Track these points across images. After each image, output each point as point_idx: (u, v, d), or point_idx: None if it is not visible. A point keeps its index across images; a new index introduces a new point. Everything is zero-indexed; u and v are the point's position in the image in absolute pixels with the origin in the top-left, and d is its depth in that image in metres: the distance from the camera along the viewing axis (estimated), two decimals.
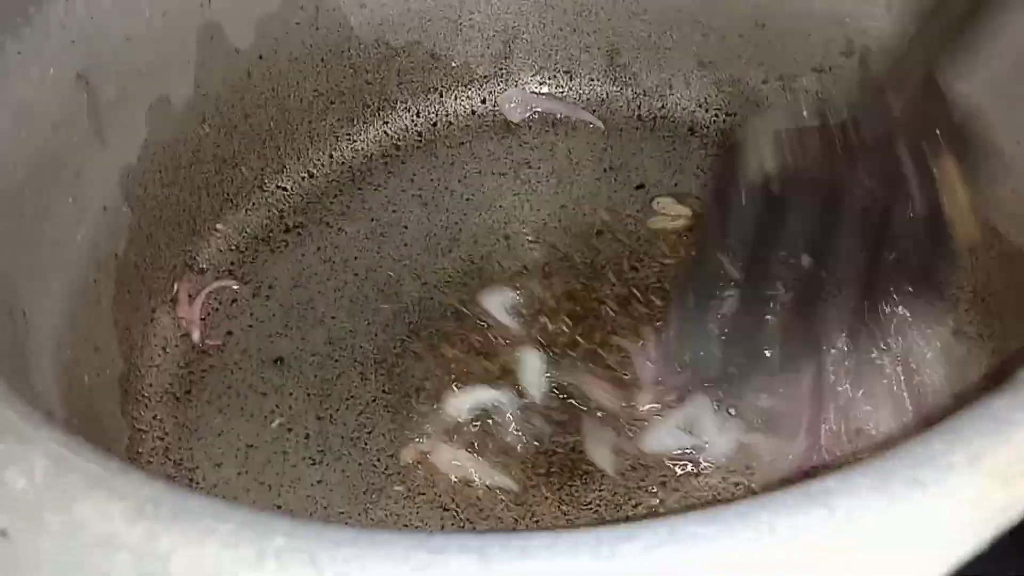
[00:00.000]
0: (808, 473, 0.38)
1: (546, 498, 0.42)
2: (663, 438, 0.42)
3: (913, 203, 0.35)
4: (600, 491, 0.42)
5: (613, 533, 0.20)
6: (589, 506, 0.41)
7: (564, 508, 0.41)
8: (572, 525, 0.41)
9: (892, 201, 0.36)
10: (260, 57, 0.52)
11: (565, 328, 0.48)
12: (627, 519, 0.40)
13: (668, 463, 0.42)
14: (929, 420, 0.21)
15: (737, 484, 0.41)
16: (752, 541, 0.19)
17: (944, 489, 0.20)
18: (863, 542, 0.19)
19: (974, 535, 0.19)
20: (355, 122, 0.57)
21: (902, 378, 0.37)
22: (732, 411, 0.41)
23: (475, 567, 0.20)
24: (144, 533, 0.21)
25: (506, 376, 0.46)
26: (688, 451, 0.42)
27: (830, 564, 0.19)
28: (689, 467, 0.42)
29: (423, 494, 0.42)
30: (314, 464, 0.44)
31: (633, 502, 0.41)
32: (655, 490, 0.42)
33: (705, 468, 0.42)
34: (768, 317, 0.38)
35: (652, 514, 0.41)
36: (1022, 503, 0.19)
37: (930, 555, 0.19)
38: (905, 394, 0.37)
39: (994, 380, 0.23)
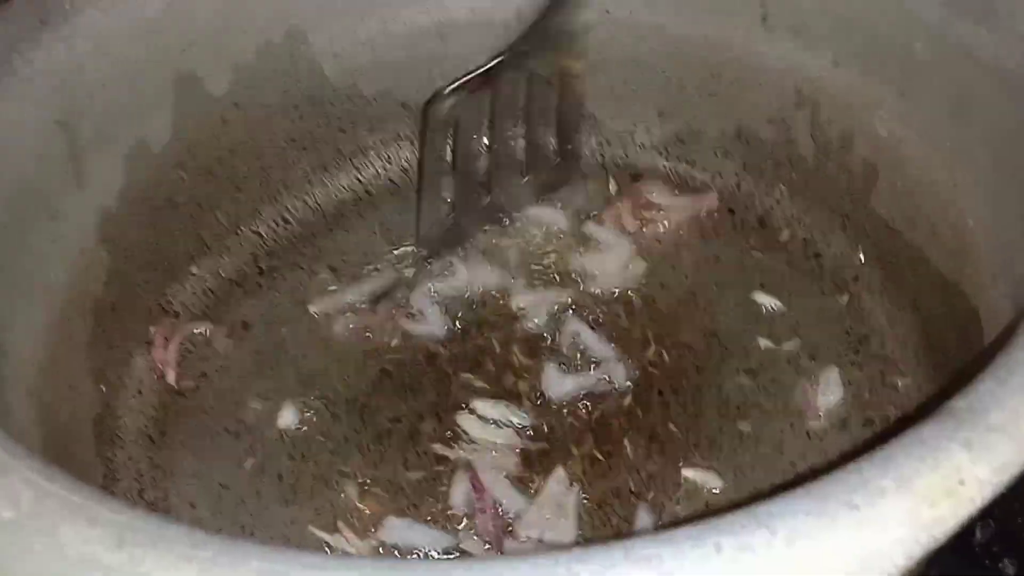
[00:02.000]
0: None
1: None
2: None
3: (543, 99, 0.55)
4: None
5: (570, 555, 0.21)
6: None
7: None
8: None
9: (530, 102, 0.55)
10: (236, 104, 0.54)
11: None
12: None
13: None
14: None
15: None
16: (701, 560, 0.21)
17: (876, 511, 0.21)
18: (802, 562, 0.21)
19: (905, 553, 0.21)
20: (328, 169, 0.59)
21: None
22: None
23: None
24: (125, 558, 0.22)
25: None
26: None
27: None
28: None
29: None
30: (287, 504, 0.44)
31: None
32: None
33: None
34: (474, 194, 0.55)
35: None
36: (949, 522, 0.21)
37: (863, 571, 0.20)
38: None
39: (931, 405, 0.25)
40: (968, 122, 0.43)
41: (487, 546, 0.42)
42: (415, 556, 0.42)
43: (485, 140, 0.56)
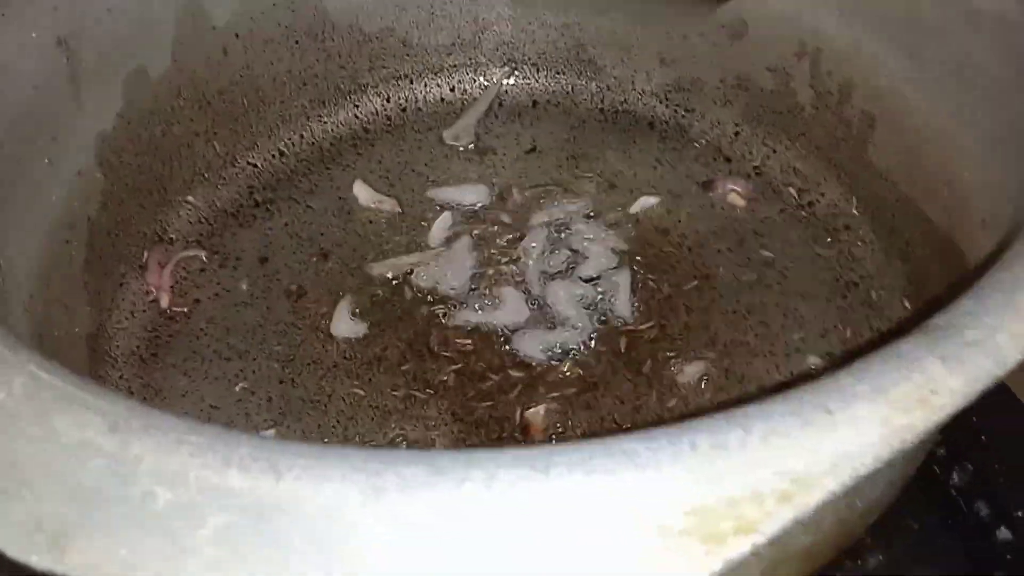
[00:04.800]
0: None
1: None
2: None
3: None
4: None
5: (550, 449, 0.22)
6: None
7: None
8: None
9: None
10: (236, 36, 0.54)
11: None
12: None
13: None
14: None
15: None
16: (676, 456, 0.21)
17: (849, 415, 0.22)
18: (777, 459, 0.21)
19: (875, 455, 0.21)
20: (326, 104, 0.59)
21: None
22: None
23: (424, 475, 0.22)
24: (118, 442, 0.23)
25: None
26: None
27: (748, 479, 0.21)
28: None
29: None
30: (275, 426, 0.45)
31: None
32: None
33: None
34: None
35: None
36: (920, 427, 0.22)
37: (832, 470, 0.21)
38: None
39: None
40: (970, 78, 0.43)
41: None
42: None
43: None
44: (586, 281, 0.50)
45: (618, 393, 0.46)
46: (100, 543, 0.21)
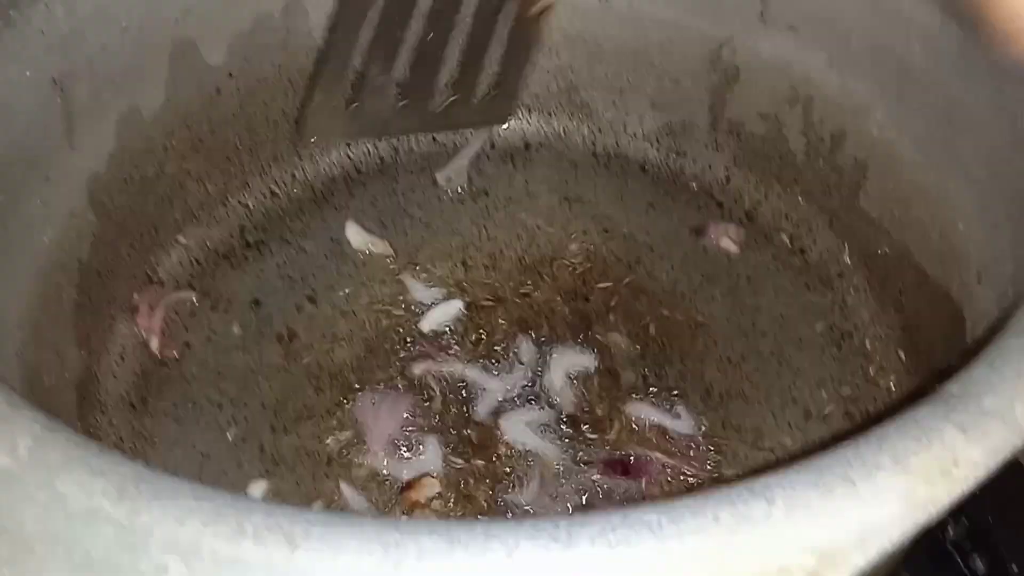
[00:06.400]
0: None
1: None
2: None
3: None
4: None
5: (570, 520, 0.22)
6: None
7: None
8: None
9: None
10: (230, 75, 0.53)
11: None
12: None
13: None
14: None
15: None
16: (698, 530, 0.21)
17: (872, 486, 0.22)
18: (802, 532, 0.21)
19: (901, 529, 0.21)
20: (319, 144, 0.59)
21: None
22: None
23: (443, 546, 0.21)
24: (126, 510, 0.22)
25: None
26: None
27: (773, 553, 0.21)
28: None
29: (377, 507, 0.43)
30: (268, 476, 0.44)
31: None
32: None
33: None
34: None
35: None
36: (943, 500, 0.22)
37: (858, 545, 0.21)
38: None
39: (912, 399, 0.25)
40: (962, 128, 0.44)
41: None
42: None
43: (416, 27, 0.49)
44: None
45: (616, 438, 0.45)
46: None
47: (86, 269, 0.47)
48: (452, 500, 0.43)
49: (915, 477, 0.22)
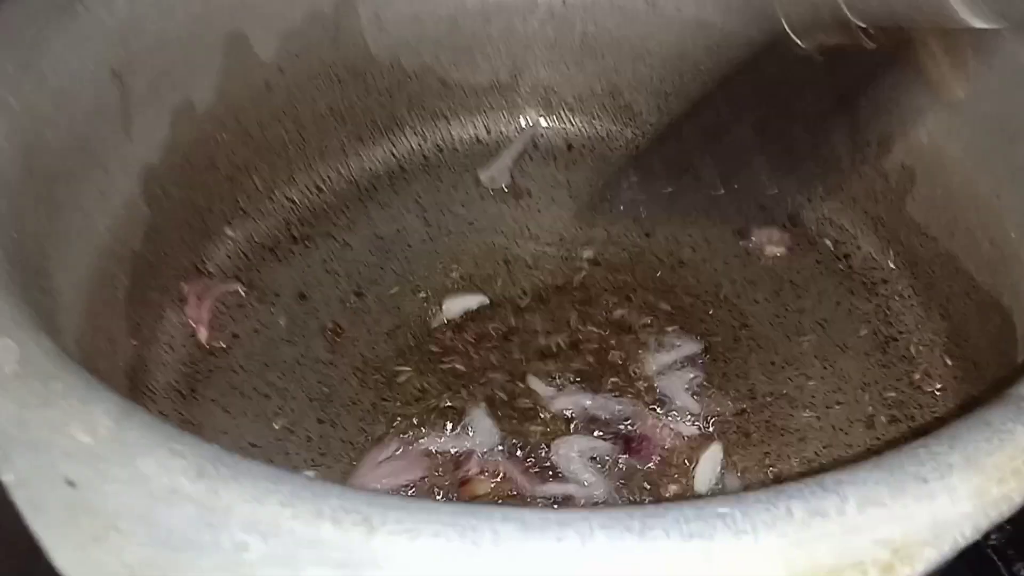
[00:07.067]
0: None
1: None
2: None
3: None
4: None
5: (644, 510, 0.22)
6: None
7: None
8: None
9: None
10: (280, 70, 0.54)
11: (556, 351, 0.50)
12: None
13: None
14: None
15: None
16: (772, 522, 0.21)
17: (944, 485, 0.22)
18: (875, 527, 0.21)
19: (973, 526, 0.21)
20: (364, 141, 0.59)
21: None
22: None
23: (518, 533, 0.21)
24: (206, 489, 0.22)
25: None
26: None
27: (848, 548, 0.21)
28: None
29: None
30: (315, 466, 0.45)
31: None
32: None
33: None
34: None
35: None
36: (1016, 499, 0.22)
37: (932, 540, 0.21)
38: None
39: (968, 408, 0.25)
40: (1015, 135, 0.44)
41: None
42: None
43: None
44: None
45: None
46: None
47: (138, 259, 0.47)
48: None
49: (987, 476, 0.22)
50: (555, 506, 0.42)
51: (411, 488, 0.43)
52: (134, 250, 0.47)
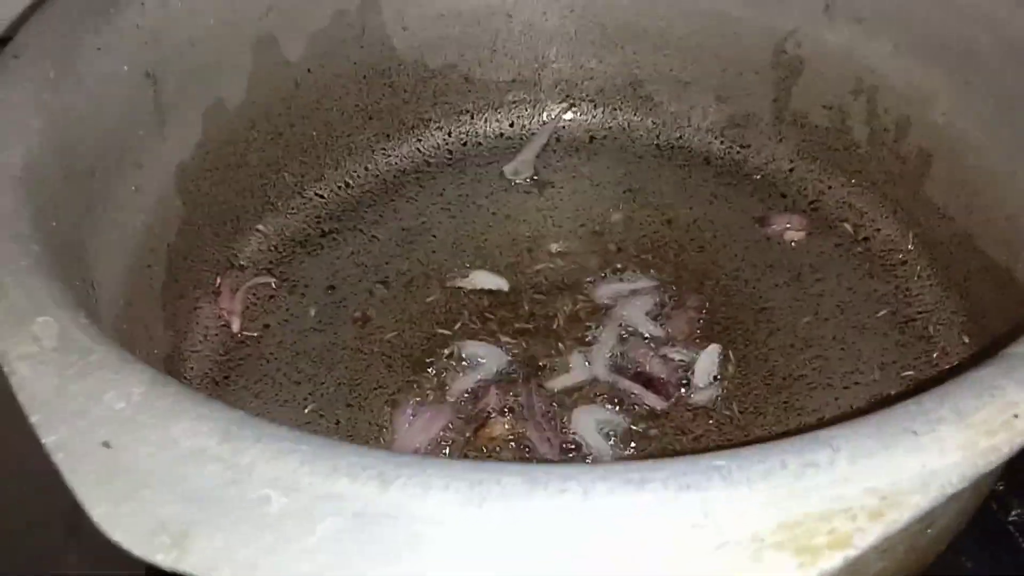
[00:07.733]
0: None
1: None
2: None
3: None
4: None
5: (642, 464, 0.23)
6: None
7: None
8: None
9: None
10: (308, 70, 0.56)
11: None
12: None
13: None
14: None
15: None
16: (766, 473, 0.22)
17: (934, 437, 0.23)
18: (866, 477, 0.22)
19: (960, 474, 0.22)
20: (391, 138, 0.61)
21: None
22: None
23: (524, 487, 0.23)
24: (231, 450, 0.24)
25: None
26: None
27: (839, 496, 0.22)
28: None
29: None
30: None
31: None
32: None
33: None
34: None
35: None
36: (1004, 450, 0.22)
37: (921, 488, 0.22)
38: None
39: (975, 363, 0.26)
40: None
41: None
42: None
43: None
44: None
45: (677, 423, 0.46)
46: (220, 543, 0.22)
47: (173, 252, 0.49)
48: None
49: (976, 429, 0.23)
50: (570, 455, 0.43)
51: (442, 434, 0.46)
52: (169, 244, 0.49)
